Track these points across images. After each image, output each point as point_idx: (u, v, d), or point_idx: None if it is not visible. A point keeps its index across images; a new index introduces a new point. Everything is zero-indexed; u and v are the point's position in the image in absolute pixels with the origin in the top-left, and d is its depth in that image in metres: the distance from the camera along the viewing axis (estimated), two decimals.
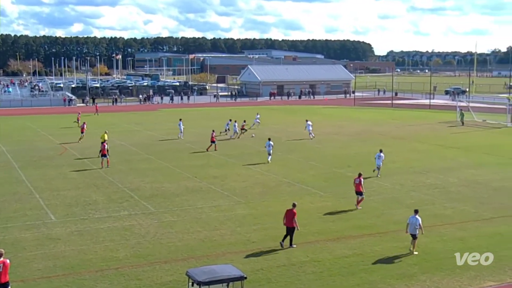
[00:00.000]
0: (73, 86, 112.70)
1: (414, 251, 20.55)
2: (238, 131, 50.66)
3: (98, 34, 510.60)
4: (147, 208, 26.80)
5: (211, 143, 43.46)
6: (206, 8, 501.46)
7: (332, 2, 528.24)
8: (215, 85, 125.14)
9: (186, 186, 31.34)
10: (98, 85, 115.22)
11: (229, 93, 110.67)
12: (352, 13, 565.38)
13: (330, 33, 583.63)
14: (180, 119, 51.48)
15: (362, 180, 26.61)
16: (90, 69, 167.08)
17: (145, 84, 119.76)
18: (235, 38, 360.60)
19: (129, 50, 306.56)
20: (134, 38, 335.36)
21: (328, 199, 28.44)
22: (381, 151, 33.99)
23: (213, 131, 44.61)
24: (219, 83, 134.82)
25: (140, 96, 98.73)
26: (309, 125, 50.03)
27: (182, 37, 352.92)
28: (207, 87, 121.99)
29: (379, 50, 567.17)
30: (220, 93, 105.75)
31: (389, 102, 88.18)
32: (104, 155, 36.82)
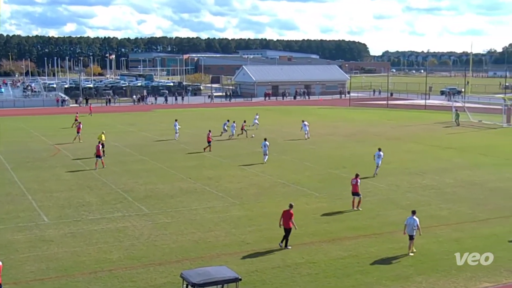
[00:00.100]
0: (66, 87, 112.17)
1: (410, 252, 20.48)
2: (236, 131, 50.58)
3: (92, 34, 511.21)
4: (141, 210, 26.64)
5: (208, 144, 43.31)
6: (201, 8, 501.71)
7: (327, 2, 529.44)
8: (210, 86, 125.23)
9: (180, 187, 31.19)
10: (92, 86, 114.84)
11: (224, 94, 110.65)
12: (347, 13, 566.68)
13: (325, 33, 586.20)
14: (176, 120, 51.29)
15: (359, 181, 26.55)
16: (84, 69, 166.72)
17: (139, 85, 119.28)
18: (230, 38, 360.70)
19: (123, 50, 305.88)
20: (128, 38, 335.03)
21: (323, 200, 28.36)
22: (380, 150, 34.20)
23: (210, 132, 44.48)
24: (214, 84, 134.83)
25: (134, 97, 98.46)
26: (306, 125, 50.07)
27: (176, 37, 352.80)
28: (202, 88, 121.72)
29: (375, 50, 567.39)
30: (215, 94, 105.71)
31: (385, 103, 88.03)
32: (99, 156, 36.62)
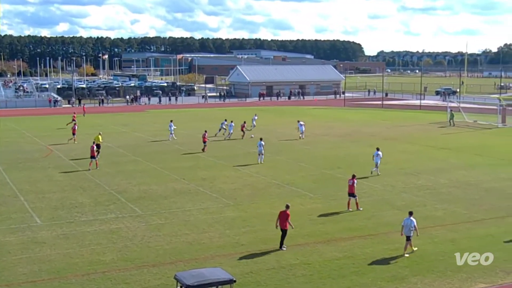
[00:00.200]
0: (59, 87, 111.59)
1: (406, 253, 20.39)
2: (233, 131, 50.48)
3: (84, 34, 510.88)
4: (135, 211, 26.46)
5: (204, 144, 43.15)
6: (194, 8, 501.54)
7: (322, 2, 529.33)
8: (204, 86, 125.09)
9: (174, 188, 31.02)
10: (84, 86, 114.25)
11: (218, 94, 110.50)
12: (342, 13, 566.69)
13: (320, 33, 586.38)
14: (171, 121, 51.07)
15: (356, 182, 26.46)
16: (76, 70, 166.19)
17: (132, 85, 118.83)
18: (224, 38, 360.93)
19: (116, 50, 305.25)
20: (121, 38, 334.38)
21: (318, 201, 28.25)
22: (379, 150, 34.36)
23: (206, 132, 44.35)
24: (208, 84, 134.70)
25: (127, 97, 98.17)
26: (302, 125, 50.02)
27: (170, 37, 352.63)
28: (195, 88, 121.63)
29: (369, 50, 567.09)
30: (209, 94, 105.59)
31: (380, 103, 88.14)
32: (93, 157, 36.42)
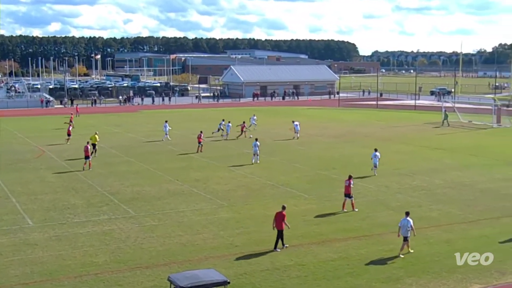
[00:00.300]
0: (51, 87, 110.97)
1: (401, 254, 20.33)
2: (229, 132, 50.41)
3: (77, 34, 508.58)
4: (128, 212, 26.29)
5: (199, 144, 43.00)
6: (188, 7, 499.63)
7: (316, 2, 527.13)
8: (197, 86, 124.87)
9: (168, 189, 30.86)
10: (77, 86, 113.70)
11: (211, 94, 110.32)
12: (336, 13, 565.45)
13: (314, 33, 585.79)
14: (166, 121, 50.85)
15: (352, 182, 26.38)
16: (69, 70, 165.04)
17: (125, 85, 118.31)
18: (217, 38, 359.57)
19: (109, 50, 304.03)
20: (114, 38, 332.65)
21: (313, 202, 28.16)
22: (377, 150, 34.52)
23: (201, 132, 44.19)
24: (201, 84, 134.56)
25: (120, 97, 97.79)
26: (297, 125, 50.03)
27: (163, 37, 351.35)
28: (189, 88, 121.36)
29: (364, 50, 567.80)
30: (202, 94, 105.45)
31: (374, 103, 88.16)
32: (87, 157, 36.24)
